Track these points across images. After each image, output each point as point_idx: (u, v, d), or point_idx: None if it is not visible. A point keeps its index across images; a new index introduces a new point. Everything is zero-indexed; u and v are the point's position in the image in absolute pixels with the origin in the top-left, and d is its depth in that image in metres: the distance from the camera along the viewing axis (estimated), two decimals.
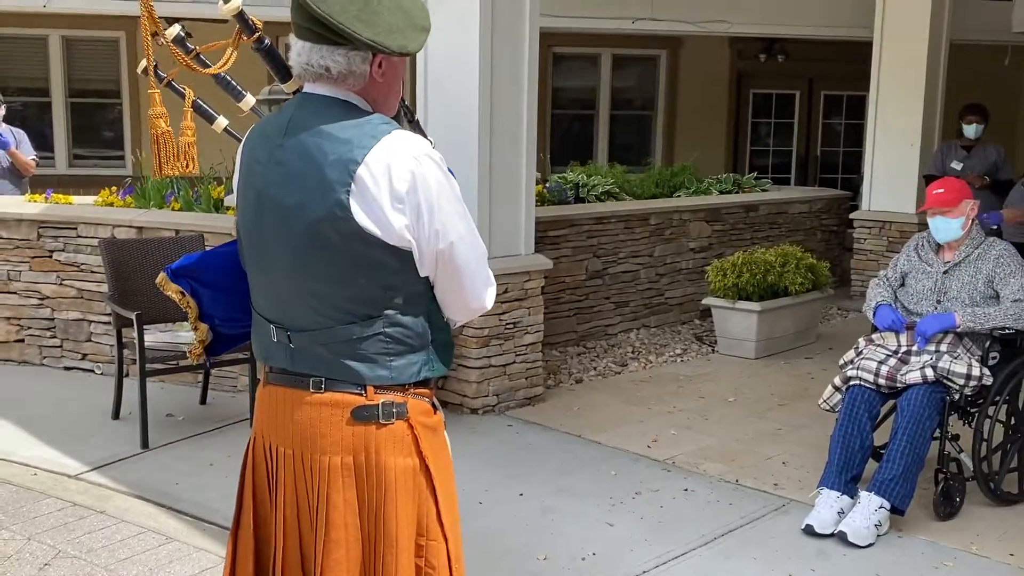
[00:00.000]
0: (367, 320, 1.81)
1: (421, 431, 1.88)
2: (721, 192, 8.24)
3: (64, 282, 5.74)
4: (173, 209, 5.73)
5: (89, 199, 6.19)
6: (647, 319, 7.31)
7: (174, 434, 4.72)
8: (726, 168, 11.38)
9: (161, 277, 2.00)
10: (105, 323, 5.54)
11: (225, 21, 1.91)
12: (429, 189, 1.78)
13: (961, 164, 7.17)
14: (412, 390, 1.88)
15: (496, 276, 5.50)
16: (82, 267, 5.67)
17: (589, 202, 7.38)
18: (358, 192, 1.74)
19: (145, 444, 4.53)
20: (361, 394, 1.83)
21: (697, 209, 7.63)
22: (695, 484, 4.20)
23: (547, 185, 7.44)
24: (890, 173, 8.12)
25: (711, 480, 4.25)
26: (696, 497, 4.06)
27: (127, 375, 5.02)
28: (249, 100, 2.06)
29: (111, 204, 5.94)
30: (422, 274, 1.84)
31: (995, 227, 5.80)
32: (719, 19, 9.02)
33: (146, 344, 4.54)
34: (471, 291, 1.91)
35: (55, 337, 5.81)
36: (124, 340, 4.83)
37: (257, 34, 1.91)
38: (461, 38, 4.93)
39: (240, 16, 1.88)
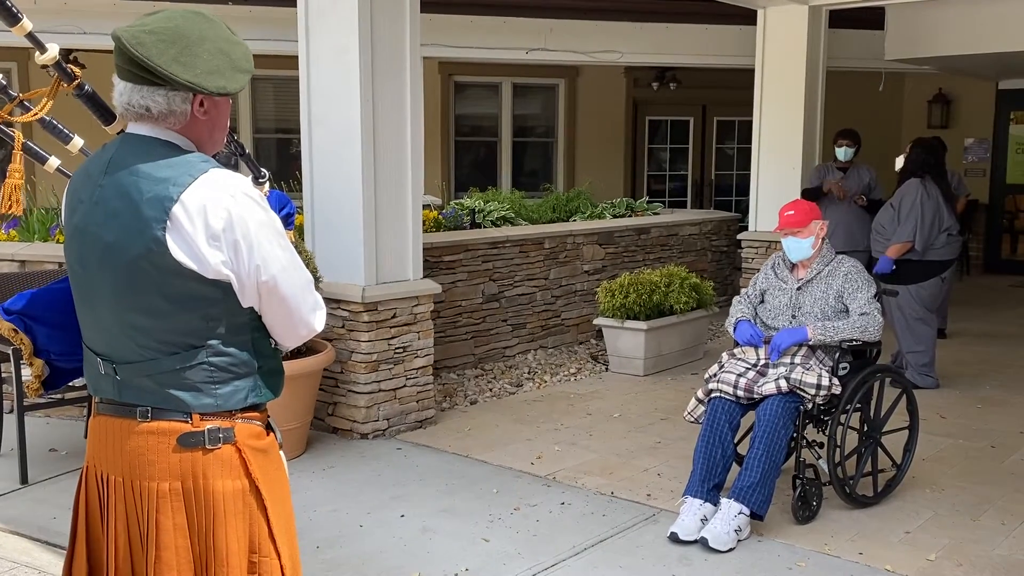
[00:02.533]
0: (190, 351, 1.88)
1: (250, 454, 1.96)
2: (614, 216, 8.50)
3: None
4: (58, 241, 5.68)
5: None
6: (544, 340, 7.48)
7: (56, 468, 4.68)
8: (625, 193, 11.70)
9: None
10: None
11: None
12: (246, 225, 1.85)
13: None
14: (240, 414, 1.96)
15: (384, 301, 5.58)
16: None
17: (485, 227, 7.54)
18: (174, 229, 1.81)
19: (24, 479, 4.49)
20: (187, 421, 1.90)
21: (590, 233, 7.86)
22: (572, 498, 4.35)
23: (443, 212, 7.58)
24: (775, 195, 8.45)
25: (588, 493, 4.40)
26: (572, 510, 4.21)
27: (10, 411, 4.96)
28: (77, 142, 2.12)
29: None
30: (245, 305, 1.92)
31: (890, 272, 6.17)
32: (610, 49, 9.31)
33: (24, 379, 4.50)
34: (298, 318, 1.99)
35: None
36: (3, 375, 4.78)
37: (76, 81, 1.98)
38: (341, 71, 5.04)
39: (58, 65, 1.95)
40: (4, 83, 2.04)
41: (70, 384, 4.28)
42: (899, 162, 6.54)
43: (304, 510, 4.17)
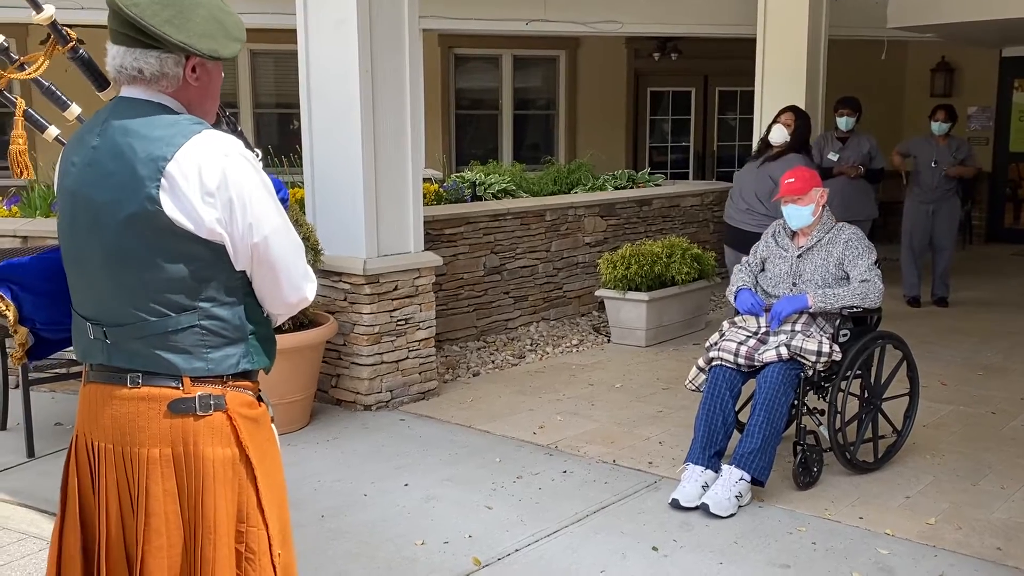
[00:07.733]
0: (182, 313, 1.88)
1: (241, 422, 1.95)
2: (616, 188, 8.49)
3: None
4: None
5: None
6: (546, 312, 7.50)
7: (62, 442, 4.71)
8: (627, 165, 11.68)
9: None
10: None
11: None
12: (240, 184, 1.85)
13: (837, 155, 7.54)
14: (231, 382, 1.95)
15: (386, 274, 5.59)
16: None
17: (486, 200, 7.54)
18: (168, 187, 1.81)
19: (31, 453, 4.53)
20: (178, 387, 1.90)
21: (591, 205, 7.85)
22: (575, 466, 4.38)
23: (444, 184, 7.57)
24: None
25: (590, 462, 4.44)
26: (574, 478, 4.24)
27: (16, 386, 5.00)
28: (75, 109, 2.12)
29: None
30: (237, 268, 1.92)
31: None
32: (610, 19, 9.26)
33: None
34: (289, 284, 1.98)
35: None
36: (8, 350, 4.81)
37: (71, 43, 1.98)
38: (340, 44, 5.03)
39: (53, 25, 1.95)
40: (6, 46, 2.03)
41: (75, 359, 4.33)
42: (780, 133, 6.09)
43: (308, 480, 4.21)
